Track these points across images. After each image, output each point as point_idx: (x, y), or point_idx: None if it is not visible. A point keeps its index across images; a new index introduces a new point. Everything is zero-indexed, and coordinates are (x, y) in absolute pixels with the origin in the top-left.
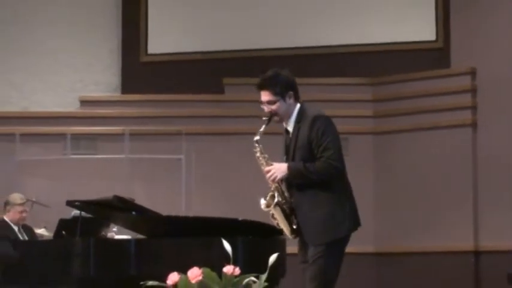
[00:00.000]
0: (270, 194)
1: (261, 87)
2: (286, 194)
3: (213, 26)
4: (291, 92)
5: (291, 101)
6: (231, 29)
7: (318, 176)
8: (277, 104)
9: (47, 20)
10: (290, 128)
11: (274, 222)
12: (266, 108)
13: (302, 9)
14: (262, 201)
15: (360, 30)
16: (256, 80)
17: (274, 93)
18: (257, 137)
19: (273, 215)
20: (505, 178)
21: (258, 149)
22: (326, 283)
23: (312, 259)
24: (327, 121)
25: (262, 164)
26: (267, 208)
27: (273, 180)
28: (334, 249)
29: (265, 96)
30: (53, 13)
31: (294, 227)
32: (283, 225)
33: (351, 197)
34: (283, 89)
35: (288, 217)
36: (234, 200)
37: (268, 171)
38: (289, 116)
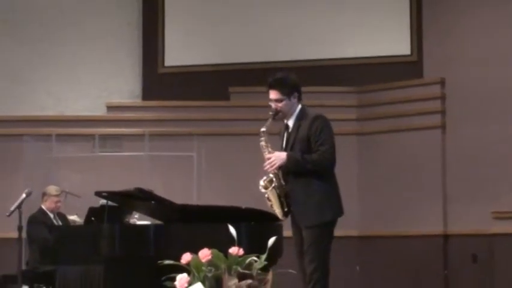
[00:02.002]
0: (269, 178)
1: (271, 86)
2: (282, 180)
3: (220, 43)
4: (296, 93)
5: (295, 101)
6: (235, 46)
7: (313, 166)
8: (284, 102)
9: (77, 38)
10: (290, 124)
11: (269, 204)
12: (273, 105)
13: (297, 28)
14: (261, 183)
15: (346, 45)
16: (257, 88)
17: (282, 93)
18: (263, 128)
19: (268, 197)
20: (469, 173)
21: (263, 138)
22: (323, 262)
23: (307, 244)
24: (326, 121)
25: (264, 151)
26: (264, 190)
27: (273, 166)
28: (325, 233)
29: (273, 94)
30: (83, 31)
31: (285, 209)
32: (276, 207)
33: (337, 189)
34: (290, 90)
35: (281, 200)
36: (237, 191)
37: (269, 158)
38: (291, 114)
